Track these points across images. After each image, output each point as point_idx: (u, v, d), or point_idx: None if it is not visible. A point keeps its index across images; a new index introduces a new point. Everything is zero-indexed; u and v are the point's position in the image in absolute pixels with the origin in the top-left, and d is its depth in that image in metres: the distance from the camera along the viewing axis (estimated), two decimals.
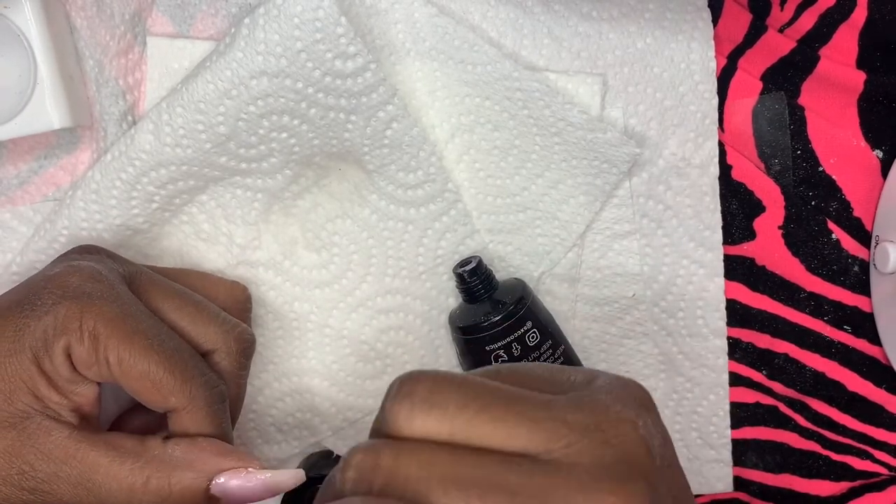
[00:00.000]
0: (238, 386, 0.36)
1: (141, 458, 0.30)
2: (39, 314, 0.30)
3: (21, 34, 0.36)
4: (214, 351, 0.34)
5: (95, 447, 0.30)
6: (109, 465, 0.29)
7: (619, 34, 0.40)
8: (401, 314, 0.44)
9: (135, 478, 0.29)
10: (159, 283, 0.34)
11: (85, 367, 0.30)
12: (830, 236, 0.43)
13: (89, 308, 0.30)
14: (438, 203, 0.41)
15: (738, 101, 0.42)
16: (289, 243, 0.42)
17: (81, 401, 0.31)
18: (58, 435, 0.30)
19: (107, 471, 0.29)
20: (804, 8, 0.41)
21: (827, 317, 0.44)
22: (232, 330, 0.35)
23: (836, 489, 0.47)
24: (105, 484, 0.29)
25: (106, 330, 0.30)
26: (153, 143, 0.37)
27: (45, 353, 0.30)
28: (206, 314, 0.34)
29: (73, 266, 0.32)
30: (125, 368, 0.30)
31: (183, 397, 0.31)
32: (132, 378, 0.30)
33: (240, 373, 0.35)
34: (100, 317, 0.30)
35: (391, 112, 0.38)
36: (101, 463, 0.29)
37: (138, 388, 0.31)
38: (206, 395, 0.32)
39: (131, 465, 0.30)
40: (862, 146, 0.42)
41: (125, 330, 0.30)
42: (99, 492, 0.29)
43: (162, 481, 0.30)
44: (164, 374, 0.31)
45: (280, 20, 0.35)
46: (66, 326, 0.30)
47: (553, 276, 0.44)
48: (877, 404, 0.45)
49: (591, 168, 0.40)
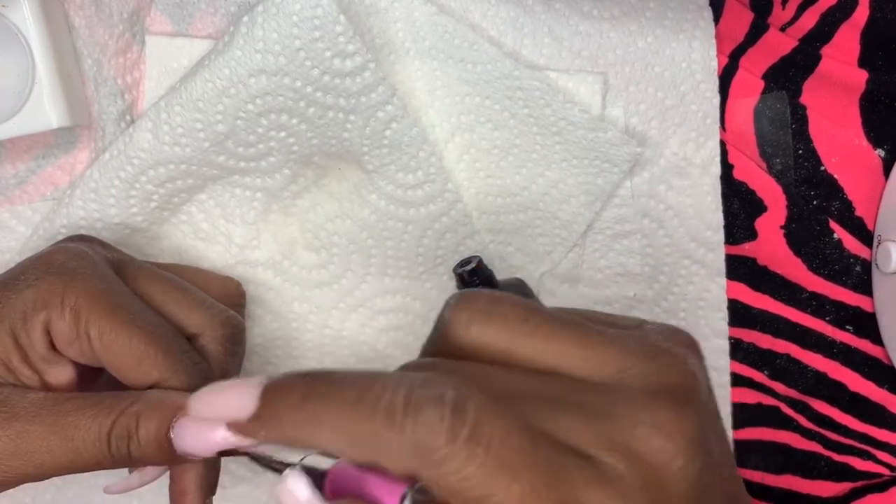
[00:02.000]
0: (225, 372, 0.35)
1: (112, 403, 0.29)
2: (21, 288, 0.30)
3: (19, 33, 0.36)
4: (200, 334, 0.34)
5: (64, 401, 0.29)
6: (79, 413, 0.29)
7: (620, 33, 0.40)
8: (401, 314, 0.44)
9: (105, 420, 0.29)
10: (146, 270, 0.34)
11: (65, 342, 0.30)
12: (832, 236, 0.43)
13: (72, 283, 0.30)
14: (438, 203, 0.41)
15: (740, 100, 0.42)
16: (288, 243, 0.42)
17: (53, 381, 0.30)
18: (32, 396, 0.29)
19: (76, 419, 0.29)
20: (806, 7, 0.40)
21: (829, 317, 0.44)
22: (218, 315, 0.35)
23: (838, 490, 0.47)
24: (77, 435, 0.28)
25: (87, 304, 0.30)
26: (152, 141, 0.37)
27: (23, 326, 0.30)
28: (191, 298, 0.34)
29: (60, 246, 0.32)
30: (106, 343, 0.30)
31: (166, 370, 0.31)
32: (113, 353, 0.30)
33: (226, 358, 0.35)
34: (82, 292, 0.30)
35: (390, 112, 0.38)
36: (69, 412, 0.29)
37: (119, 363, 0.30)
38: (189, 370, 0.31)
39: (101, 409, 0.29)
40: (864, 145, 0.41)
41: (107, 305, 0.30)
42: (73, 445, 0.29)
43: (130, 420, 0.29)
44: (145, 348, 0.30)
45: (279, 18, 0.34)
46: (48, 301, 0.30)
47: (554, 276, 0.44)
48: (879, 405, 0.45)
49: (591, 167, 0.40)
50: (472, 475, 0.20)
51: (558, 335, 0.22)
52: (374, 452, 0.20)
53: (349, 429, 0.20)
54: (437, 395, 0.20)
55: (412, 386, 0.20)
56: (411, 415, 0.20)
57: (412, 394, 0.20)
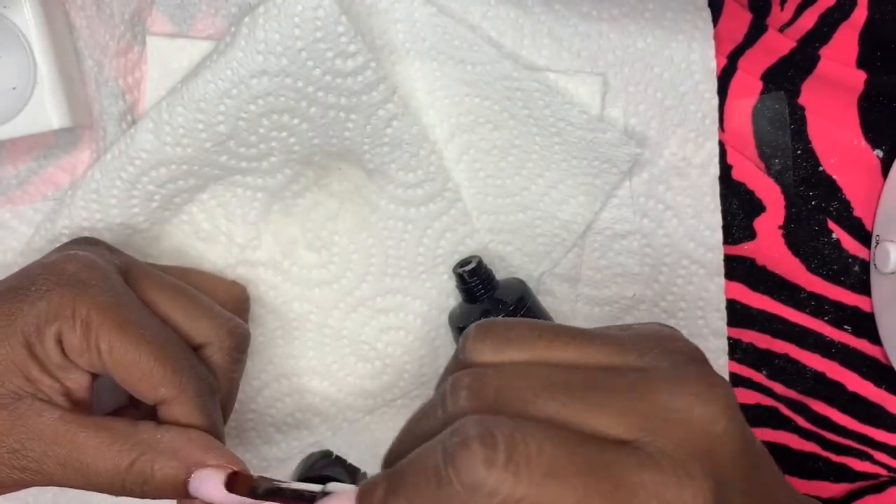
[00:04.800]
0: (230, 381, 0.35)
1: (129, 440, 0.30)
2: (33, 299, 0.30)
3: (20, 34, 0.36)
4: (207, 345, 0.34)
5: (85, 428, 0.30)
6: (98, 447, 0.30)
7: (619, 34, 0.40)
8: (401, 314, 0.44)
9: (121, 459, 0.30)
10: (154, 277, 0.35)
11: (76, 354, 0.30)
12: (831, 236, 0.43)
13: (83, 295, 0.30)
14: (438, 202, 0.41)
15: (739, 100, 0.42)
16: (289, 243, 0.42)
17: (73, 386, 0.31)
18: (49, 416, 0.30)
19: (95, 451, 0.29)
20: (804, 7, 0.41)
21: (827, 317, 0.44)
22: (225, 324, 0.35)
23: (836, 491, 0.47)
24: (93, 464, 0.29)
25: (98, 318, 0.30)
26: (153, 142, 0.37)
27: (37, 337, 0.30)
28: (199, 308, 0.35)
29: (70, 254, 0.32)
30: (116, 357, 0.30)
31: (172, 388, 0.31)
32: (122, 367, 0.31)
33: (232, 367, 0.35)
34: (93, 305, 0.30)
35: (391, 110, 0.38)
36: (89, 444, 0.30)
37: (128, 377, 0.31)
38: (196, 387, 0.32)
39: (119, 447, 0.30)
40: (862, 146, 0.42)
41: (117, 319, 0.30)
42: (87, 471, 0.30)
43: (146, 465, 0.30)
44: (154, 364, 0.31)
45: (280, 19, 0.35)
46: (59, 313, 0.30)
47: (553, 276, 0.44)
48: (877, 405, 0.45)
49: (591, 168, 0.40)
50: (527, 495, 0.21)
51: (576, 338, 0.24)
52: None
53: (421, 501, 0.22)
54: (464, 439, 0.22)
55: (444, 440, 0.22)
56: (450, 465, 0.21)
57: (446, 447, 0.22)
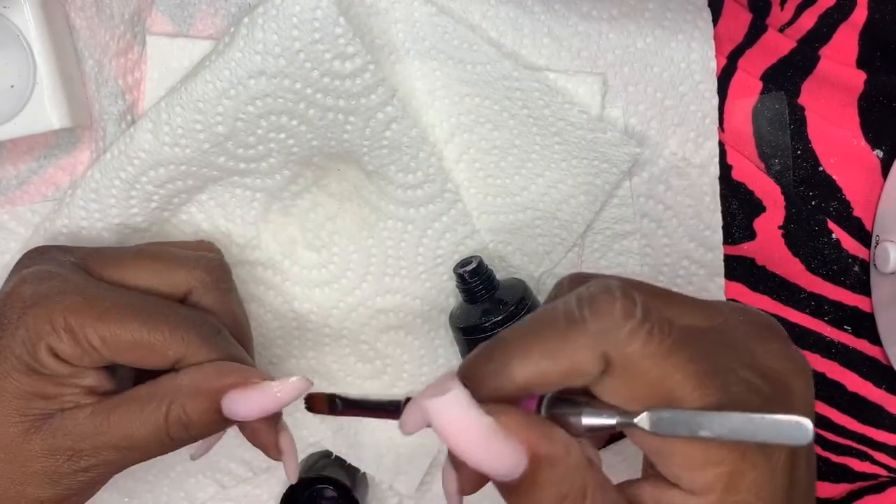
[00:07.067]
0: (230, 312, 0.36)
1: (154, 398, 0.31)
2: (11, 331, 0.31)
3: (20, 34, 0.36)
4: (191, 291, 0.35)
5: (115, 408, 0.31)
6: (133, 417, 0.31)
7: (619, 34, 0.40)
8: (401, 314, 0.44)
9: (157, 416, 0.31)
10: (110, 256, 0.35)
11: (76, 359, 0.31)
12: (830, 236, 0.43)
13: (52, 306, 0.31)
14: (438, 203, 0.41)
15: (739, 100, 0.42)
16: (288, 243, 0.42)
17: (93, 383, 0.31)
18: (81, 416, 0.31)
19: (133, 422, 0.30)
20: (804, 8, 0.40)
21: (827, 317, 0.44)
22: (197, 264, 0.35)
23: (836, 491, 0.47)
24: (137, 433, 0.31)
25: (77, 319, 0.30)
26: (152, 142, 0.37)
27: (35, 361, 0.30)
28: (164, 261, 0.35)
29: (21, 277, 0.32)
30: (112, 346, 0.31)
31: (178, 346, 0.31)
32: (122, 351, 0.31)
33: (224, 298, 0.36)
34: (66, 310, 0.31)
35: (390, 113, 0.38)
36: (125, 419, 0.31)
37: (133, 357, 0.31)
38: (199, 333, 0.32)
39: (149, 408, 0.31)
40: (862, 146, 0.42)
41: (93, 312, 0.31)
42: (137, 442, 0.31)
43: (178, 411, 0.31)
44: (150, 335, 0.31)
45: (279, 20, 0.35)
46: (40, 332, 0.30)
47: (554, 276, 0.44)
48: (877, 405, 0.45)
49: (591, 168, 0.40)
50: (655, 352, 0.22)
51: (674, 299, 0.25)
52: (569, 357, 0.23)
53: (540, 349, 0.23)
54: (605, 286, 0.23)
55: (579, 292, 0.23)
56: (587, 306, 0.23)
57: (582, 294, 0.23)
